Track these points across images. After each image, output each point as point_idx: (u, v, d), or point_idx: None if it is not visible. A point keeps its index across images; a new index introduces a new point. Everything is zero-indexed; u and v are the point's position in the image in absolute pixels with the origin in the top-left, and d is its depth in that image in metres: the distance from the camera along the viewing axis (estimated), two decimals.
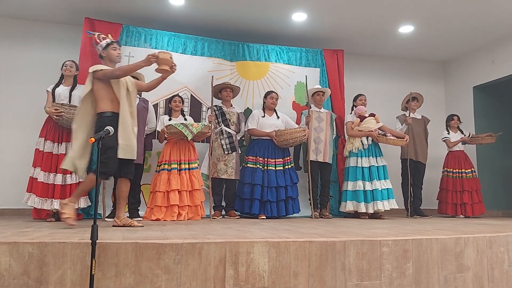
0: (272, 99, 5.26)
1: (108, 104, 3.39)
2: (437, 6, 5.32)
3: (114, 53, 3.58)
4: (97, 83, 3.42)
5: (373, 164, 5.29)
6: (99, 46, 3.59)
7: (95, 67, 3.44)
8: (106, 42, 3.58)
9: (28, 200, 4.10)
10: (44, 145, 4.21)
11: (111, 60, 3.58)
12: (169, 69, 3.46)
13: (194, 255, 2.17)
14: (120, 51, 3.66)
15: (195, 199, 4.49)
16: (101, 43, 3.58)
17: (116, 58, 3.60)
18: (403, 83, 7.07)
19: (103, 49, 3.58)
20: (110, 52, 3.57)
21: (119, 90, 3.41)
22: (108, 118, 3.33)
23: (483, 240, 2.78)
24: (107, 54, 3.58)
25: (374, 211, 5.18)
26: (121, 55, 3.67)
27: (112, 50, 3.58)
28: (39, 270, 2.05)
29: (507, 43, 6.28)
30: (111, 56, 3.58)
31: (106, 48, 3.58)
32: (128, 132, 3.35)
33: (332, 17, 5.69)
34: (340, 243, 2.40)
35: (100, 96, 3.41)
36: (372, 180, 5.24)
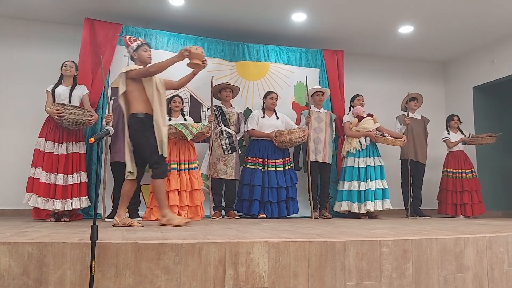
0: (272, 100, 5.26)
1: (142, 105, 3.46)
2: (437, 6, 5.33)
3: (145, 55, 3.63)
4: (131, 84, 3.48)
5: (369, 164, 5.29)
6: (130, 48, 3.66)
7: (128, 67, 3.50)
8: (137, 44, 3.65)
9: (30, 200, 4.09)
10: (44, 145, 4.20)
11: (142, 61, 3.64)
12: (200, 63, 3.50)
13: (193, 256, 2.17)
14: (151, 52, 3.71)
15: (194, 199, 4.49)
16: (132, 45, 3.65)
17: (147, 59, 3.65)
18: (403, 83, 7.07)
19: (134, 50, 3.64)
20: (141, 53, 3.63)
21: (151, 90, 3.46)
22: (141, 119, 3.42)
23: (483, 240, 2.78)
24: (138, 55, 3.64)
25: (366, 211, 5.17)
26: (151, 57, 3.71)
27: (143, 51, 3.63)
28: (38, 270, 2.05)
29: (507, 43, 6.28)
30: (142, 58, 3.63)
31: (137, 50, 3.64)
32: (162, 131, 3.42)
33: (331, 17, 5.69)
34: (340, 244, 2.40)
35: (133, 97, 3.48)
36: (367, 180, 5.24)
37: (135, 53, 3.65)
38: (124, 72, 3.48)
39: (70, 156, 4.26)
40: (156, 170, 3.43)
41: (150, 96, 3.46)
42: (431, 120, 6.24)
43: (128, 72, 3.47)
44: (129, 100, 3.51)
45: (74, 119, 4.17)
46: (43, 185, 4.08)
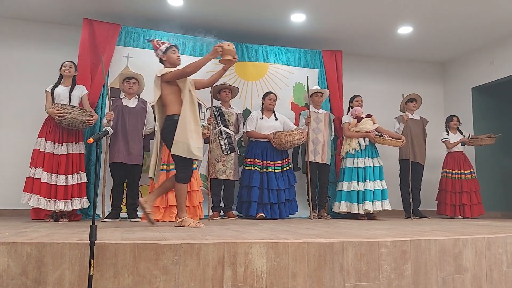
0: (270, 100, 5.26)
1: (178, 107, 3.48)
2: (436, 7, 5.33)
3: (174, 56, 3.66)
4: (165, 87, 3.52)
5: (368, 164, 5.29)
6: (159, 51, 3.67)
7: (162, 70, 3.51)
8: (166, 46, 3.66)
9: (29, 200, 4.08)
10: (44, 145, 4.20)
11: (172, 63, 3.66)
12: (232, 59, 3.56)
13: (192, 256, 2.17)
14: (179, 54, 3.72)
15: (193, 200, 4.49)
16: (161, 47, 3.67)
17: (176, 60, 3.67)
18: (402, 84, 7.08)
19: (163, 53, 3.66)
20: (170, 55, 3.65)
21: (184, 91, 3.48)
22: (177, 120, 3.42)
23: (482, 241, 2.78)
24: (167, 58, 3.65)
25: (364, 211, 5.17)
26: (180, 58, 3.72)
27: (172, 53, 3.65)
28: (37, 270, 2.05)
29: (506, 44, 6.29)
30: (171, 59, 3.65)
31: (166, 52, 3.65)
32: (185, 131, 3.38)
33: (330, 18, 5.70)
34: (338, 244, 2.40)
35: (169, 100, 3.51)
36: (366, 181, 5.24)
37: (164, 55, 3.66)
38: (159, 75, 3.51)
39: (70, 156, 4.26)
40: (180, 174, 3.48)
41: (183, 96, 3.48)
42: (430, 121, 6.24)
43: (163, 76, 3.49)
44: (165, 103, 3.55)
45: (74, 120, 4.17)
46: (45, 185, 4.07)
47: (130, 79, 4.69)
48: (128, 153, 4.45)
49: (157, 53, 3.70)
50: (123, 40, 5.33)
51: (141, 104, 4.70)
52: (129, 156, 4.45)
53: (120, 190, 4.60)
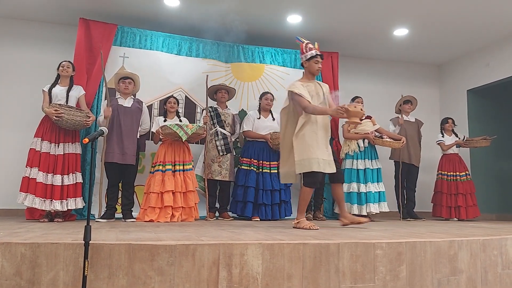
0: (267, 100, 5.26)
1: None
2: (432, 9, 5.35)
3: (315, 66, 3.71)
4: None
5: (368, 166, 5.30)
6: (303, 56, 3.75)
7: (294, 88, 3.62)
8: (311, 54, 3.70)
9: (25, 200, 4.05)
10: (41, 145, 4.16)
11: (311, 72, 3.75)
12: (359, 121, 3.53)
13: (187, 257, 2.16)
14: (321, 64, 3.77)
15: (189, 201, 4.47)
16: (306, 54, 3.72)
17: (316, 71, 3.75)
18: (398, 86, 7.09)
19: (306, 59, 3.73)
20: (312, 64, 3.71)
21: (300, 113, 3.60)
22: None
23: (477, 243, 2.78)
24: (308, 65, 3.73)
25: (367, 213, 5.18)
26: (321, 68, 3.79)
27: (314, 63, 3.70)
28: (31, 271, 2.03)
29: (501, 46, 6.32)
30: (312, 68, 3.72)
31: (309, 60, 3.71)
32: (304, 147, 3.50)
33: (326, 19, 5.71)
34: (334, 246, 2.40)
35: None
36: (367, 183, 5.25)
37: (306, 62, 3.73)
38: (290, 90, 3.65)
39: (66, 156, 4.23)
40: (308, 178, 3.57)
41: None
42: (426, 123, 6.26)
43: (292, 94, 3.61)
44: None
45: (72, 120, 4.15)
46: (40, 185, 4.05)
47: (125, 79, 4.68)
48: (122, 153, 4.43)
49: (300, 57, 3.80)
50: (119, 40, 5.31)
51: (137, 104, 4.69)
52: (123, 156, 4.43)
53: (115, 191, 4.58)
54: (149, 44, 5.42)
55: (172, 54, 5.50)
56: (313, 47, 3.74)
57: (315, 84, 3.77)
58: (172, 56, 5.50)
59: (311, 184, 3.59)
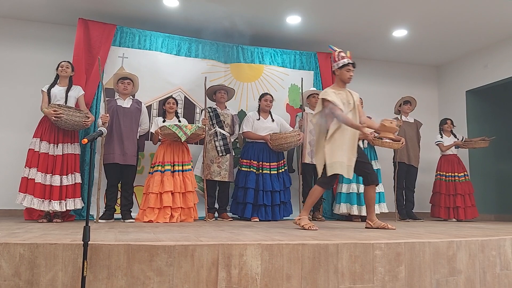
0: (267, 101, 5.26)
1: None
2: (431, 10, 5.36)
3: (347, 75, 3.73)
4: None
5: None
6: (335, 64, 3.77)
7: (326, 95, 3.67)
8: (343, 63, 3.72)
9: (23, 200, 4.04)
10: (40, 145, 4.16)
11: (342, 80, 3.76)
12: (393, 136, 3.62)
13: (186, 258, 2.16)
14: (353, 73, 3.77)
15: (188, 201, 4.47)
16: (338, 62, 3.73)
17: (347, 79, 3.76)
18: (397, 86, 7.10)
19: (338, 67, 3.74)
20: (343, 72, 3.73)
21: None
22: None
23: (475, 243, 2.79)
24: (340, 73, 3.75)
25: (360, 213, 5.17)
26: (352, 77, 3.77)
27: (346, 71, 3.72)
28: (30, 271, 2.03)
29: (500, 47, 6.33)
30: (343, 76, 3.74)
31: (341, 68, 3.72)
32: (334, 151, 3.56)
33: (326, 20, 5.71)
34: (333, 246, 2.40)
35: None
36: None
37: (338, 70, 3.75)
38: (322, 98, 3.69)
39: (65, 157, 4.23)
40: (325, 179, 3.60)
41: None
42: (424, 124, 6.27)
43: (324, 100, 3.68)
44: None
45: (71, 121, 4.14)
46: (39, 185, 4.04)
47: (124, 79, 4.67)
48: (122, 154, 4.43)
49: (332, 65, 3.81)
50: (118, 40, 5.31)
51: (136, 105, 4.69)
52: (124, 156, 4.44)
53: (114, 191, 4.57)
54: (148, 44, 5.42)
55: (171, 55, 5.50)
56: (345, 56, 3.77)
57: (346, 92, 3.82)
58: (171, 57, 5.50)
59: (325, 184, 3.65)
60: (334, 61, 3.79)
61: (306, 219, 3.63)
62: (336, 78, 3.83)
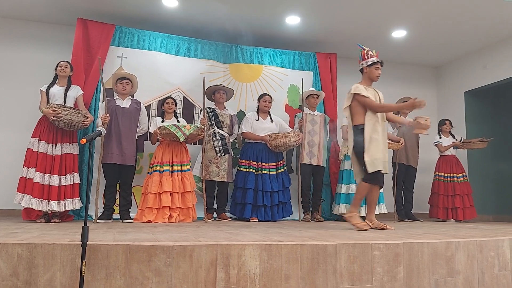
0: (265, 102, 5.26)
1: (362, 118, 3.73)
2: (430, 11, 5.37)
3: (375, 73, 3.82)
4: (355, 100, 3.78)
5: None
6: (364, 62, 3.85)
7: (357, 90, 3.75)
8: (372, 61, 3.81)
9: (22, 200, 4.02)
10: (38, 145, 4.14)
11: (371, 78, 3.85)
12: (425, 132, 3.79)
13: (185, 258, 2.16)
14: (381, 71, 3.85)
15: (186, 201, 4.47)
16: (368, 60, 3.82)
17: (376, 77, 3.85)
18: (396, 87, 7.09)
19: (367, 66, 3.82)
20: (372, 70, 3.82)
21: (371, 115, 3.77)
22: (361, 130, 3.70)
23: (474, 244, 2.79)
24: (368, 71, 3.83)
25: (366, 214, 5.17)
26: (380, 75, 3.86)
27: (375, 69, 3.82)
28: (28, 271, 2.03)
29: (498, 48, 6.34)
30: (372, 75, 3.83)
31: (370, 66, 3.81)
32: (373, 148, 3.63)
33: (325, 21, 5.72)
34: (331, 247, 2.40)
35: (355, 111, 3.77)
36: None
37: (367, 68, 3.82)
38: (353, 93, 3.76)
39: (64, 157, 4.22)
40: (369, 175, 3.67)
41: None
42: None
43: (355, 95, 3.75)
44: (352, 113, 3.82)
45: (70, 120, 4.13)
46: (37, 185, 4.03)
47: (123, 79, 4.67)
48: (121, 154, 4.43)
49: (361, 63, 3.88)
50: (117, 40, 5.31)
51: (135, 105, 4.68)
52: (123, 156, 4.43)
53: (113, 191, 4.57)
54: (147, 44, 5.42)
55: (170, 55, 5.50)
56: (373, 54, 3.83)
57: (373, 90, 3.88)
58: (170, 57, 5.50)
59: (371, 180, 3.70)
60: (363, 59, 3.85)
61: (358, 217, 3.69)
62: (364, 76, 3.88)
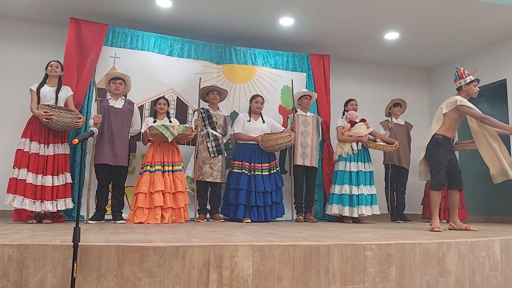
0: (257, 103, 5.26)
1: (444, 129, 4.09)
2: (422, 14, 5.41)
3: (474, 89, 4.11)
4: (453, 112, 4.04)
5: (361, 169, 5.32)
6: (463, 81, 4.12)
7: (466, 102, 3.98)
8: (470, 79, 4.10)
9: (13, 201, 3.99)
10: (29, 146, 4.10)
11: (470, 94, 4.12)
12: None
13: (177, 259, 2.15)
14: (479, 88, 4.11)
15: (178, 202, 4.45)
16: (466, 78, 4.10)
17: (475, 93, 4.13)
18: (388, 89, 7.15)
19: (466, 84, 4.10)
20: (471, 88, 4.10)
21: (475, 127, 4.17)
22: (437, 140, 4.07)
23: (465, 245, 2.81)
24: (468, 89, 4.10)
25: (358, 215, 5.20)
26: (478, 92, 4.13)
27: (473, 86, 4.10)
28: (18, 273, 2.01)
29: (489, 51, 6.40)
30: (471, 92, 4.11)
31: (469, 84, 4.10)
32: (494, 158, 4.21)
33: (318, 22, 5.73)
34: (324, 247, 2.41)
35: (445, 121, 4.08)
36: (359, 185, 5.27)
37: (466, 86, 4.09)
38: (458, 104, 3.98)
39: (56, 157, 4.19)
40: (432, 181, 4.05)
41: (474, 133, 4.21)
42: (415, 126, 6.30)
43: (461, 106, 3.98)
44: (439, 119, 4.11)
45: (62, 122, 4.10)
46: (30, 186, 3.98)
47: (116, 79, 4.65)
48: (113, 155, 4.40)
49: (459, 81, 4.14)
50: (110, 40, 5.28)
51: (128, 105, 4.66)
52: (115, 157, 4.41)
53: (105, 192, 4.55)
54: (140, 44, 5.40)
55: (163, 55, 5.48)
56: (470, 74, 4.12)
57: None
58: (164, 57, 5.49)
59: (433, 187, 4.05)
60: (460, 78, 4.13)
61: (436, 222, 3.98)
62: (461, 92, 4.12)
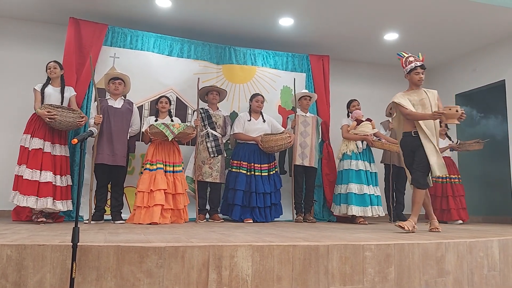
0: (258, 102, 5.26)
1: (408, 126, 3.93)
2: (421, 15, 5.41)
3: (416, 77, 3.91)
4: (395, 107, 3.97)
5: (368, 169, 5.27)
6: (404, 70, 3.97)
7: (395, 98, 3.93)
8: (411, 67, 3.91)
9: (14, 198, 3.98)
10: (30, 142, 4.09)
11: (413, 83, 3.96)
12: (457, 121, 3.66)
13: (177, 259, 2.15)
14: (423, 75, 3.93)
15: (178, 203, 4.44)
16: (406, 67, 3.93)
17: (418, 81, 3.93)
18: (388, 89, 7.11)
19: (407, 73, 3.95)
20: (413, 76, 3.93)
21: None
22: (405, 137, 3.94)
23: (464, 245, 2.82)
24: (410, 78, 3.95)
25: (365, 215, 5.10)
26: (423, 79, 3.94)
27: (415, 75, 3.91)
28: (17, 273, 2.01)
29: (488, 52, 6.40)
30: (413, 80, 3.94)
31: (410, 73, 3.93)
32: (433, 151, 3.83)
33: (318, 23, 5.74)
34: (323, 247, 2.41)
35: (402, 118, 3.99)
36: (369, 185, 5.21)
37: (407, 75, 3.95)
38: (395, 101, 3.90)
39: (59, 158, 4.19)
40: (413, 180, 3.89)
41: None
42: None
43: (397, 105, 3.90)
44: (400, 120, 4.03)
45: (65, 121, 4.11)
46: (32, 183, 3.95)
47: (116, 79, 4.64)
48: (112, 154, 4.40)
49: (403, 71, 4.00)
50: (109, 40, 5.28)
51: (127, 105, 4.66)
52: (114, 157, 4.40)
53: (104, 192, 4.54)
54: (140, 44, 5.40)
55: (163, 55, 5.48)
56: (413, 60, 3.93)
57: (419, 93, 3.94)
58: (163, 57, 5.48)
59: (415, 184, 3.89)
60: (402, 68, 3.98)
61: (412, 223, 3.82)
62: (409, 82, 3.99)
